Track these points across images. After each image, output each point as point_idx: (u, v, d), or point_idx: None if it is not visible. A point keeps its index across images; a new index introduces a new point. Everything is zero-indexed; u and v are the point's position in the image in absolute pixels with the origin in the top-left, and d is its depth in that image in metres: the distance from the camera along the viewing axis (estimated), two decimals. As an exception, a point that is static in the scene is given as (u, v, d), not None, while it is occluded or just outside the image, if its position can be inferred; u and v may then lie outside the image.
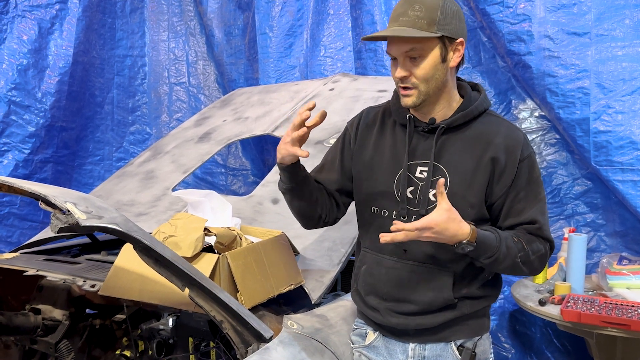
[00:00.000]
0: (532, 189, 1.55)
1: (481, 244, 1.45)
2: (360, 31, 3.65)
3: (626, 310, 2.35)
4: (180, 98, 4.32)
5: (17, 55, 3.51)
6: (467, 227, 1.43)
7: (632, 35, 2.86)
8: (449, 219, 1.40)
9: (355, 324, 1.78)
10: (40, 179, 3.62)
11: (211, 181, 4.22)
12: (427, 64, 1.48)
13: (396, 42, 1.48)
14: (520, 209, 1.54)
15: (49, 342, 2.09)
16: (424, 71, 1.48)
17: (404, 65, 1.49)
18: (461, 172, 1.53)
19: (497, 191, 1.54)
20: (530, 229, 1.55)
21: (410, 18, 1.45)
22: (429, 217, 1.40)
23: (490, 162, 1.52)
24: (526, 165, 1.54)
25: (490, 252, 1.47)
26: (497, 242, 1.47)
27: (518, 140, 1.55)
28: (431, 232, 1.40)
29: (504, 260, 1.49)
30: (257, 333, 1.57)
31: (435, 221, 1.39)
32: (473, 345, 1.63)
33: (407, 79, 1.50)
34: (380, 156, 1.63)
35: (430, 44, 1.47)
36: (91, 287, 1.85)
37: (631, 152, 2.80)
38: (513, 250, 1.49)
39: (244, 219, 2.22)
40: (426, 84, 1.49)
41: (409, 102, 1.52)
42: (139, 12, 4.26)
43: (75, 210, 1.26)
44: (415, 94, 1.50)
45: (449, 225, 1.41)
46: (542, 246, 1.55)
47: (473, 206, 1.53)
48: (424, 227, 1.39)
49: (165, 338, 1.85)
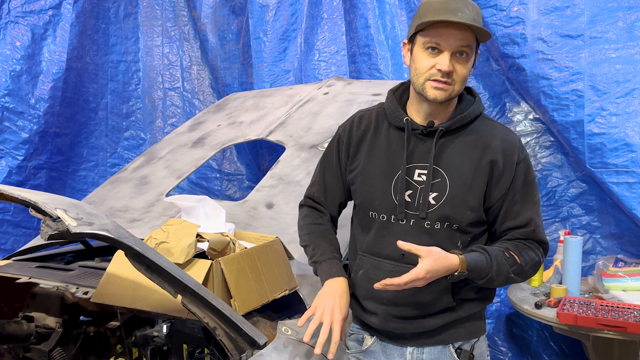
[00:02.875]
0: (527, 192, 1.56)
1: (473, 270, 1.47)
2: (354, 35, 3.65)
3: (622, 312, 2.35)
4: (174, 103, 4.31)
5: (10, 61, 3.49)
6: (455, 258, 1.45)
7: (626, 37, 2.87)
8: (434, 261, 1.42)
9: (352, 330, 1.77)
10: (34, 185, 3.60)
11: (206, 186, 4.21)
12: (470, 65, 1.51)
13: (452, 33, 1.45)
14: (517, 211, 1.55)
15: (43, 350, 2.08)
16: (467, 71, 1.50)
17: (451, 60, 1.47)
18: (461, 175, 1.53)
19: (496, 194, 1.54)
20: (525, 232, 1.55)
21: (468, 16, 1.45)
22: (416, 270, 1.41)
23: (489, 165, 1.53)
24: (522, 168, 1.55)
25: (483, 274, 1.49)
26: (488, 264, 1.48)
27: (514, 143, 1.56)
28: (425, 280, 1.43)
29: (497, 278, 1.50)
30: (251, 339, 1.56)
31: (425, 269, 1.41)
32: (470, 348, 1.63)
33: (451, 74, 1.48)
34: (375, 160, 1.62)
35: (474, 47, 1.50)
36: (84, 294, 1.83)
37: (626, 154, 2.80)
38: (505, 268, 1.51)
39: (238, 224, 2.21)
40: (461, 84, 1.51)
41: (441, 96, 1.49)
42: (132, 18, 4.25)
43: (65, 217, 1.25)
44: (450, 90, 1.49)
45: (438, 266, 1.42)
46: (534, 254, 1.55)
47: (472, 209, 1.53)
48: (414, 279, 1.41)
49: (159, 345, 1.84)
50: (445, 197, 1.53)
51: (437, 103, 1.52)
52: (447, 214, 1.53)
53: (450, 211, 1.53)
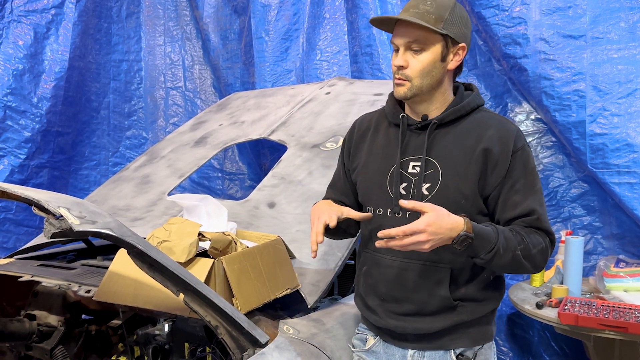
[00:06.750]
0: (528, 180, 1.53)
1: (479, 234, 1.40)
2: (356, 35, 3.66)
3: (623, 312, 2.35)
4: (176, 102, 4.31)
5: (13, 60, 3.50)
6: (459, 218, 1.40)
7: (628, 37, 2.87)
8: (438, 215, 1.36)
9: (358, 329, 1.78)
10: (36, 184, 3.61)
11: (208, 186, 4.21)
12: (426, 58, 1.51)
13: (401, 31, 1.52)
14: (517, 200, 1.52)
15: (45, 348, 2.08)
16: (421, 65, 1.51)
17: (403, 56, 1.52)
18: (453, 164, 1.53)
19: (492, 182, 1.52)
20: (529, 220, 1.51)
21: (420, 11, 1.49)
22: (417, 222, 1.35)
23: (483, 153, 1.52)
24: (520, 156, 1.52)
25: (489, 245, 1.42)
26: (494, 234, 1.43)
27: (511, 131, 1.54)
28: (427, 235, 1.34)
29: (505, 253, 1.43)
30: (252, 338, 1.56)
31: (425, 222, 1.34)
32: (473, 355, 1.61)
33: (404, 69, 1.53)
34: (374, 157, 1.65)
35: (432, 39, 1.50)
36: (86, 293, 1.84)
37: (627, 155, 2.80)
38: (512, 242, 1.45)
39: (240, 223, 2.22)
40: (421, 78, 1.52)
41: (400, 92, 1.55)
42: (134, 17, 4.25)
43: (68, 215, 1.25)
44: (408, 86, 1.53)
45: (442, 221, 1.36)
46: (541, 239, 1.51)
47: (467, 198, 1.52)
48: (415, 230, 1.34)
49: (161, 343, 1.84)
50: (438, 187, 1.53)
51: (404, 99, 1.57)
52: (442, 204, 1.48)
53: (444, 201, 1.49)
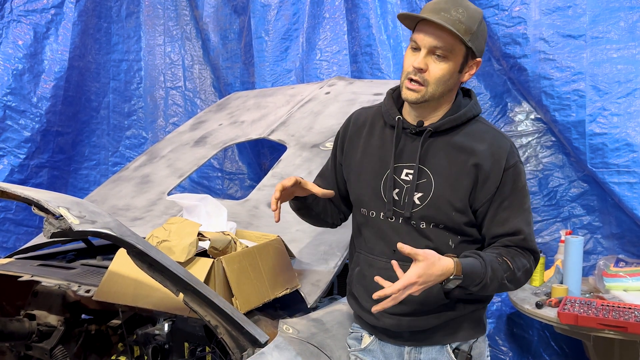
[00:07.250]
0: (516, 198, 1.53)
1: (468, 274, 1.43)
2: (356, 34, 3.65)
3: (623, 312, 2.35)
4: (176, 102, 4.31)
5: (13, 60, 3.50)
6: (449, 261, 1.41)
7: (627, 37, 2.87)
8: (427, 265, 1.38)
9: (352, 328, 1.78)
10: (36, 184, 3.61)
11: (208, 185, 4.21)
12: (448, 67, 1.48)
13: (430, 32, 1.46)
14: (505, 217, 1.53)
15: (44, 348, 2.08)
16: (441, 72, 1.48)
17: (425, 59, 1.47)
18: (446, 176, 1.53)
19: (481, 197, 1.52)
20: (515, 240, 1.53)
21: (452, 17, 1.44)
22: (407, 275, 1.37)
23: (474, 168, 1.51)
24: (511, 173, 1.52)
25: (478, 279, 1.45)
26: (483, 268, 1.45)
27: (504, 148, 1.53)
28: (418, 285, 1.38)
29: (491, 283, 1.47)
30: (252, 338, 1.56)
31: (417, 273, 1.36)
32: (469, 348, 1.63)
33: (422, 73, 1.48)
34: (369, 158, 1.64)
35: (458, 50, 1.47)
36: (86, 293, 1.84)
37: (627, 154, 2.80)
38: (499, 273, 1.48)
39: (240, 223, 2.22)
40: (436, 85, 1.49)
41: (411, 97, 1.50)
42: (134, 17, 4.25)
43: (68, 215, 1.25)
44: (422, 92, 1.49)
45: (432, 269, 1.38)
46: (526, 260, 1.53)
47: (459, 210, 1.52)
48: (407, 284, 1.36)
49: (160, 343, 1.84)
50: (429, 198, 1.53)
51: (413, 104, 1.53)
52: (432, 215, 1.52)
53: (434, 212, 1.52)
